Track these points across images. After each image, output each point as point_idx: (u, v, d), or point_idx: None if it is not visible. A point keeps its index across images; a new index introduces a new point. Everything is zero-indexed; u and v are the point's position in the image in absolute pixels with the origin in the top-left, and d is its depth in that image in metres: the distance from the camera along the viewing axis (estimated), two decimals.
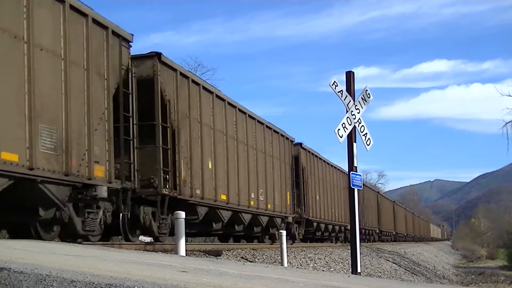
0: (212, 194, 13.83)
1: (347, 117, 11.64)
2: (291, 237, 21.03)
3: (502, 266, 53.37)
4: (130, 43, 10.90)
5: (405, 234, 58.11)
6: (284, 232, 13.43)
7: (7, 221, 9.16)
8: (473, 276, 38.31)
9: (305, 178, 22.95)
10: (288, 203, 20.40)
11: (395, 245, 42.11)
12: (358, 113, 11.84)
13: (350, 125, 11.65)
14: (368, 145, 12.11)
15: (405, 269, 25.93)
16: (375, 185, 79.80)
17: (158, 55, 11.75)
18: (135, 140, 10.86)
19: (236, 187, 15.41)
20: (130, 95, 10.64)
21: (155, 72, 11.63)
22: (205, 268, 5.86)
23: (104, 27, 9.92)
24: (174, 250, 9.59)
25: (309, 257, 17.34)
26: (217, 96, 14.70)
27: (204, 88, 13.97)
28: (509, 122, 24.80)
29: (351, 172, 11.68)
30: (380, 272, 20.76)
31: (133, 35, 10.90)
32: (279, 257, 13.52)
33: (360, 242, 12.15)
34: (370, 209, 38.66)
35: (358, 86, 12.27)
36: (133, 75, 11.00)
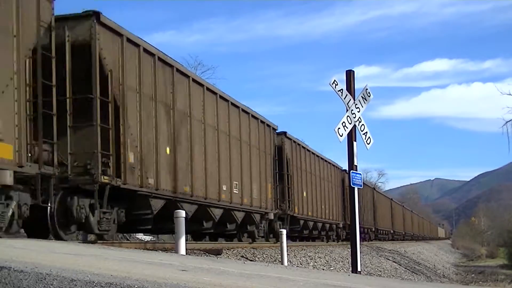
0: (306, 212, 22.68)
1: (347, 116, 11.64)
2: (338, 238, 29.71)
3: (502, 265, 53.39)
4: (275, 129, 18.63)
5: (412, 234, 64.62)
6: (284, 231, 13.43)
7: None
8: (473, 275, 38.31)
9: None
10: (340, 214, 29.15)
11: (395, 244, 42.10)
12: (358, 112, 11.83)
13: (350, 124, 11.65)
14: (368, 144, 12.10)
15: (405, 268, 25.93)
16: (375, 184, 79.84)
17: (284, 132, 20.41)
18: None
19: (320, 206, 24.84)
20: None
21: (283, 142, 20.33)
22: (205, 267, 5.86)
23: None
24: (174, 249, 9.59)
25: (309, 256, 17.33)
26: (317, 156, 24.97)
27: (303, 147, 22.98)
28: (509, 121, 24.74)
29: (351, 171, 11.67)
30: (380, 271, 20.75)
31: (277, 126, 18.92)
32: (279, 256, 13.52)
33: (374, 240, 12.23)
34: (385, 213, 46.86)
35: (359, 85, 12.30)
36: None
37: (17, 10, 8.21)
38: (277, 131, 19.48)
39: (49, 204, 8.90)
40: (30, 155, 8.31)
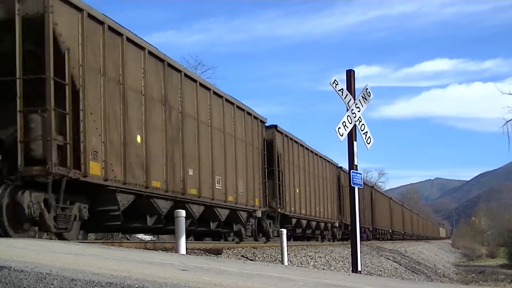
0: None
1: (348, 115, 11.64)
2: (367, 237, 36.90)
3: (503, 265, 53.44)
4: (336, 165, 27.71)
5: (418, 234, 72.84)
6: (284, 231, 13.43)
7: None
8: (473, 274, 38.31)
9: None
10: (369, 219, 38.28)
11: (396, 244, 42.11)
12: (359, 111, 11.83)
13: (350, 123, 11.65)
14: (368, 143, 12.10)
15: (406, 268, 25.92)
16: (375, 183, 79.94)
17: (341, 167, 28.71)
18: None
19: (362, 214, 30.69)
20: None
21: (339, 173, 28.43)
22: (205, 266, 5.86)
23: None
24: (175, 249, 9.59)
25: (309, 256, 17.33)
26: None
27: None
28: (510, 120, 24.72)
29: (352, 170, 11.67)
30: (381, 271, 20.75)
31: (338, 163, 28.92)
32: (280, 256, 13.52)
33: (390, 240, 12.84)
34: (398, 217, 55.33)
35: (359, 85, 12.31)
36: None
37: (258, 136, 17.33)
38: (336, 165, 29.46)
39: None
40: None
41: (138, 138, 10.61)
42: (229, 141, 15.07)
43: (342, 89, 11.69)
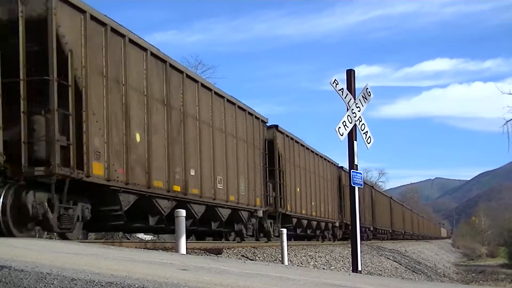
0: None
1: (348, 115, 11.64)
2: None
3: (503, 264, 53.47)
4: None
5: (423, 234, 77.87)
6: (284, 230, 13.43)
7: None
8: (473, 274, 38.32)
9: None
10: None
11: (396, 244, 42.10)
12: (359, 111, 11.83)
13: (350, 123, 11.65)
14: (368, 143, 12.10)
15: (406, 267, 25.92)
16: (375, 183, 79.96)
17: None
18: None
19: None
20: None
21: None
22: (205, 266, 5.86)
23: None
24: (175, 248, 9.59)
25: (309, 255, 17.33)
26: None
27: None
28: (510, 120, 24.75)
29: (352, 170, 11.67)
30: (381, 270, 20.75)
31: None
32: (280, 255, 13.52)
33: (403, 239, 12.85)
34: (408, 220, 62.46)
35: (360, 84, 12.31)
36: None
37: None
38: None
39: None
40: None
41: (298, 189, 21.02)
42: (321, 182, 25.09)
43: (342, 88, 11.69)
